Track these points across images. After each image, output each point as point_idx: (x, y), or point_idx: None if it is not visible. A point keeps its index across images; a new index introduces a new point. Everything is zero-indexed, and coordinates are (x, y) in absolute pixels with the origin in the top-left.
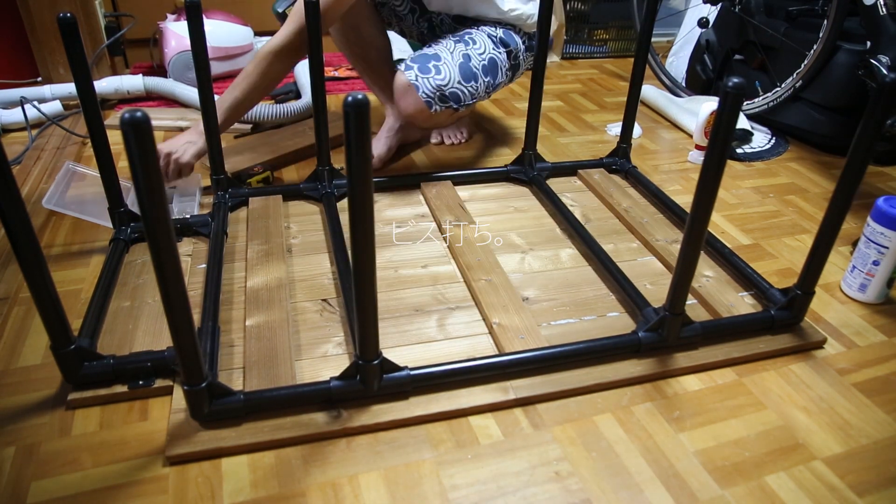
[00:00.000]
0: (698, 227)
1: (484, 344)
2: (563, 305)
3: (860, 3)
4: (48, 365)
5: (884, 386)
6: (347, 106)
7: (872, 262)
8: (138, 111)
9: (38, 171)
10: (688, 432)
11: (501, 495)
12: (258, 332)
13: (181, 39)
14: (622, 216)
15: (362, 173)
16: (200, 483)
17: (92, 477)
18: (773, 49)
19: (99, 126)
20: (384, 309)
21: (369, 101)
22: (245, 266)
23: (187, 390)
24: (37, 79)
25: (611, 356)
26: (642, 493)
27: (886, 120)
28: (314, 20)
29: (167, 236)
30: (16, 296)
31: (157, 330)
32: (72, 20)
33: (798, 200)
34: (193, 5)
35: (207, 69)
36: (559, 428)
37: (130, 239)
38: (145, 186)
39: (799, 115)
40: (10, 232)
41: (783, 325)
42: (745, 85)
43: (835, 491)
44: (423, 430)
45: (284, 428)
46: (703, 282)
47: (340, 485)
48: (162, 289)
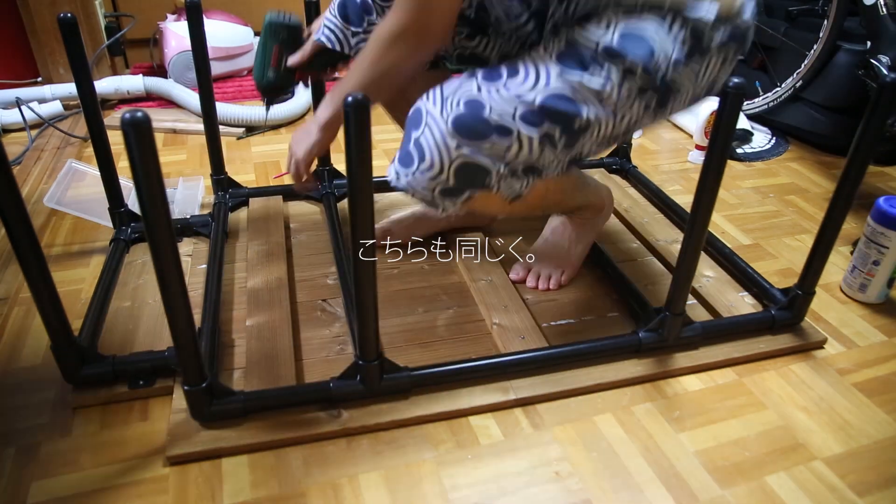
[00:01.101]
0: (699, 227)
1: (484, 344)
2: (563, 305)
3: (860, 3)
4: (48, 365)
5: (884, 386)
6: (347, 106)
7: (872, 262)
8: (138, 111)
9: (39, 171)
10: (688, 432)
11: (502, 495)
12: (258, 332)
13: (181, 39)
14: (622, 216)
15: (362, 173)
16: (200, 483)
17: (92, 477)
18: (773, 49)
19: (99, 126)
20: (384, 309)
21: (369, 101)
22: (245, 266)
23: (187, 390)
24: (37, 79)
25: (611, 356)
26: (642, 493)
27: (886, 120)
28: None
29: (167, 236)
30: (16, 296)
31: (157, 330)
32: (72, 20)
33: (798, 200)
34: (193, 5)
35: (207, 69)
36: (559, 428)
37: (131, 239)
38: (145, 186)
39: (799, 115)
40: (10, 232)
41: (783, 325)
42: (745, 85)
43: (835, 491)
44: (423, 430)
45: (284, 428)
46: (704, 282)
47: (340, 485)
48: (162, 289)
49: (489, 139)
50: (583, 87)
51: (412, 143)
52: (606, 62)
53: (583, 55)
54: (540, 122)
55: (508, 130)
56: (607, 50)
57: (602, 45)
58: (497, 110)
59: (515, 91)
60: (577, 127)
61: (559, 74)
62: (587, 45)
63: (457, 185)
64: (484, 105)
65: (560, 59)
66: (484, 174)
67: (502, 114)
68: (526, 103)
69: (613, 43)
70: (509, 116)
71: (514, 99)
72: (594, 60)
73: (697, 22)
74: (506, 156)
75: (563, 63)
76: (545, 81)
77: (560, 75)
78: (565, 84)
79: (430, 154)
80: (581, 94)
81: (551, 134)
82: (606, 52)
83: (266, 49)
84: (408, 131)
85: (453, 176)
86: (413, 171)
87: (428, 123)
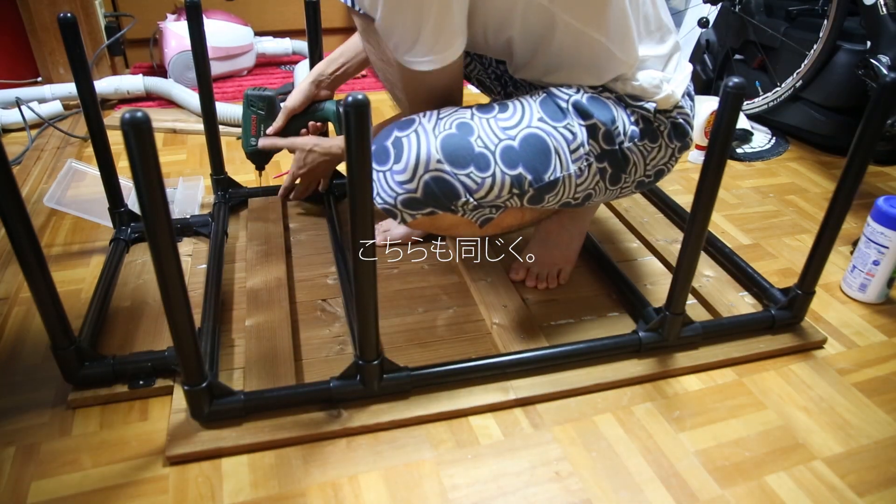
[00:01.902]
0: (698, 227)
1: (484, 344)
2: (563, 305)
3: (860, 3)
4: (48, 365)
5: (884, 386)
6: (347, 106)
7: (872, 262)
8: (138, 111)
9: (39, 171)
10: (688, 432)
11: (502, 495)
12: (258, 332)
13: (181, 39)
14: (622, 216)
15: (362, 173)
16: (200, 483)
17: (92, 477)
18: (773, 49)
19: (99, 126)
20: (384, 309)
21: (369, 101)
22: (245, 266)
23: (187, 390)
24: (37, 79)
25: (611, 356)
26: (642, 492)
27: (886, 120)
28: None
29: (167, 236)
30: (16, 296)
31: (157, 330)
32: (72, 20)
33: (798, 200)
34: (193, 5)
35: (207, 69)
36: (559, 428)
37: (131, 239)
38: (145, 186)
39: (799, 115)
40: (10, 232)
41: (783, 325)
42: (745, 85)
43: (835, 491)
44: (423, 430)
45: (284, 428)
46: (704, 281)
47: (340, 485)
48: (162, 289)
49: (468, 168)
50: (557, 133)
51: (392, 139)
52: (577, 116)
53: (559, 104)
54: (515, 164)
55: (487, 164)
56: (577, 104)
57: (573, 100)
58: (483, 139)
59: (502, 124)
60: (547, 179)
61: (540, 118)
62: (561, 97)
63: (423, 197)
64: (473, 131)
65: (541, 105)
66: (452, 197)
67: (487, 144)
68: (510, 138)
69: (583, 100)
70: (493, 146)
71: (501, 132)
72: (566, 112)
73: (643, 109)
74: (478, 190)
75: (543, 107)
76: (528, 120)
77: (541, 119)
78: (544, 125)
79: (408, 157)
80: (555, 139)
81: (522, 181)
82: (576, 106)
83: (246, 120)
84: (391, 129)
85: (422, 188)
86: (385, 169)
87: (417, 131)
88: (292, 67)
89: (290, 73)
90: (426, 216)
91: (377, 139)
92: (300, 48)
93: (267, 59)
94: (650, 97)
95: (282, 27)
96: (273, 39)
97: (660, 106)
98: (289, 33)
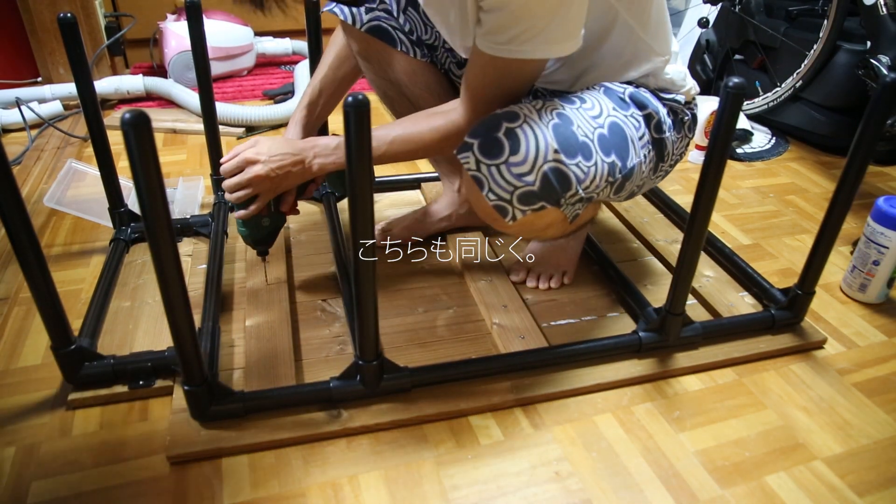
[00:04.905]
0: (698, 227)
1: (484, 344)
2: (563, 305)
3: (860, 3)
4: (48, 365)
5: (884, 386)
6: (347, 106)
7: (872, 262)
8: (138, 111)
9: (39, 171)
10: (688, 432)
11: (501, 495)
12: (258, 332)
13: (181, 39)
14: (622, 216)
15: (362, 173)
16: (200, 483)
17: (92, 477)
18: (773, 49)
19: (99, 126)
20: (384, 309)
21: (369, 101)
22: (245, 266)
23: (187, 390)
24: (37, 79)
25: (611, 356)
26: (642, 493)
27: (886, 120)
28: (314, 20)
29: (167, 236)
30: (16, 296)
31: (157, 330)
32: (72, 20)
33: (798, 200)
34: (193, 5)
35: (207, 69)
36: (559, 428)
37: (131, 239)
38: (145, 186)
39: (799, 115)
40: (10, 232)
41: (783, 325)
42: (745, 85)
43: (835, 491)
44: (423, 430)
45: (284, 428)
46: (704, 282)
47: (340, 485)
48: (162, 289)
49: (577, 157)
50: (629, 121)
51: (503, 130)
52: (635, 107)
53: (619, 96)
54: (609, 152)
55: (590, 153)
56: (632, 96)
57: (628, 92)
58: (582, 128)
59: (589, 114)
60: (629, 166)
61: (613, 108)
62: (616, 90)
63: (539, 191)
64: (573, 120)
65: (607, 96)
66: (566, 188)
67: (586, 132)
68: (599, 126)
69: (637, 92)
70: (591, 135)
71: (592, 120)
72: (627, 103)
73: (674, 101)
74: (584, 180)
75: (609, 98)
76: (607, 110)
77: (615, 108)
78: (619, 114)
79: (527, 149)
80: (629, 128)
81: (614, 169)
82: (632, 97)
83: (254, 222)
84: (496, 119)
85: (540, 180)
86: (500, 162)
87: (527, 121)
88: (292, 67)
89: (290, 73)
90: (534, 212)
91: (476, 132)
92: (300, 48)
93: (267, 59)
94: (678, 90)
95: (282, 27)
96: (273, 39)
97: (688, 98)
98: (289, 33)
